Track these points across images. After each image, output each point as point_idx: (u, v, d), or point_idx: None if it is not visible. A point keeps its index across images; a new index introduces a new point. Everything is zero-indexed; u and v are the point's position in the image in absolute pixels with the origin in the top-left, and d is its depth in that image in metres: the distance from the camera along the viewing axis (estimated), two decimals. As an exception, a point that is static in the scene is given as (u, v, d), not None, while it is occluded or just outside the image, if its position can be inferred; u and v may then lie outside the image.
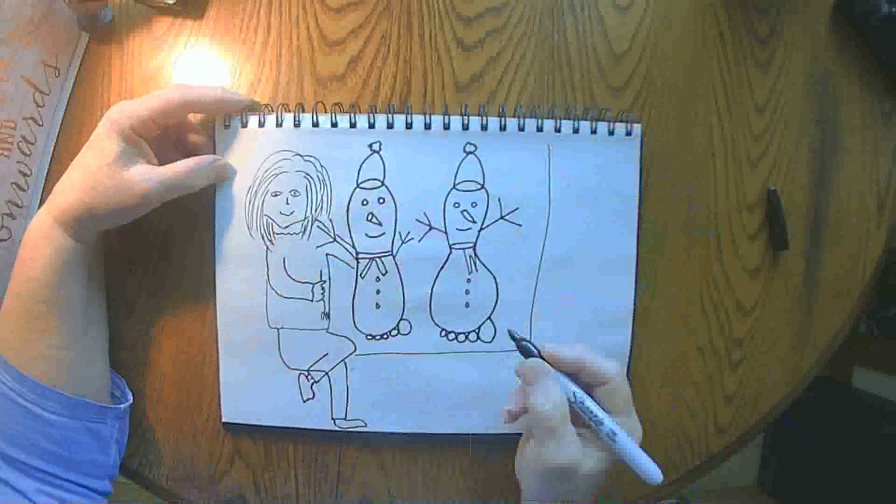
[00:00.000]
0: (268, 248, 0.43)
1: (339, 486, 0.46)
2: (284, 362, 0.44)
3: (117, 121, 0.38)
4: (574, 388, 0.36)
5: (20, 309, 0.38)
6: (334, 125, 0.43)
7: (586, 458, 0.34)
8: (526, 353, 0.37)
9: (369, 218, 0.43)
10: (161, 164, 0.40)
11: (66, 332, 0.38)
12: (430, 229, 0.44)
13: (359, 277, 0.44)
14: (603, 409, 0.36)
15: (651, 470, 0.34)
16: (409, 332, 0.44)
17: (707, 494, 1.53)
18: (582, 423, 0.36)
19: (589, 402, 0.36)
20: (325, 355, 0.44)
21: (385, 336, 0.44)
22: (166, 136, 0.42)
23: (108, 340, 0.43)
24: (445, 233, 0.44)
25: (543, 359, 0.37)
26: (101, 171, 0.37)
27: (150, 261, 0.45)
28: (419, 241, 0.44)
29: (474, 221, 0.44)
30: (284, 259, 0.43)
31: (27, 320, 0.37)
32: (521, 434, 0.45)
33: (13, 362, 0.37)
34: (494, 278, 0.44)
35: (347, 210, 0.43)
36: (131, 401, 0.43)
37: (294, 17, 0.44)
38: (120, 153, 0.38)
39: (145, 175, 0.38)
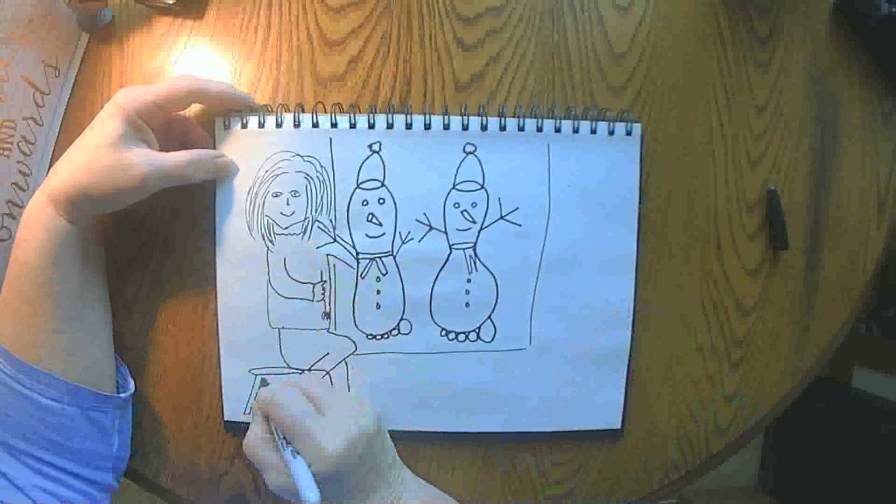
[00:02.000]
0: (268, 248, 0.43)
1: (339, 486, 0.46)
2: (285, 362, 0.44)
3: (122, 103, 0.38)
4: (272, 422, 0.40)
5: (15, 292, 0.37)
6: (334, 125, 0.43)
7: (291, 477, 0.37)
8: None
9: (369, 218, 0.43)
10: None
11: (61, 317, 0.38)
12: (430, 229, 0.44)
13: (359, 277, 0.44)
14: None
15: (307, 493, 0.35)
16: (410, 332, 0.44)
17: (707, 494, 1.53)
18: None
19: (278, 435, 0.39)
20: (325, 355, 0.44)
21: (385, 336, 0.44)
22: (171, 134, 0.42)
23: (110, 329, 0.42)
24: (445, 233, 0.44)
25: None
26: (100, 149, 0.37)
27: (151, 261, 0.45)
28: (419, 241, 0.44)
29: (474, 221, 0.44)
30: (285, 259, 0.43)
31: (22, 303, 0.37)
32: (522, 435, 0.46)
33: (10, 348, 0.37)
34: (494, 278, 0.44)
35: (348, 210, 0.43)
36: (133, 390, 0.43)
37: (294, 17, 0.44)
38: (121, 134, 0.37)
39: (144, 158, 0.38)
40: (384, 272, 0.44)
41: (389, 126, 0.43)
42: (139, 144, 0.39)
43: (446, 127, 0.44)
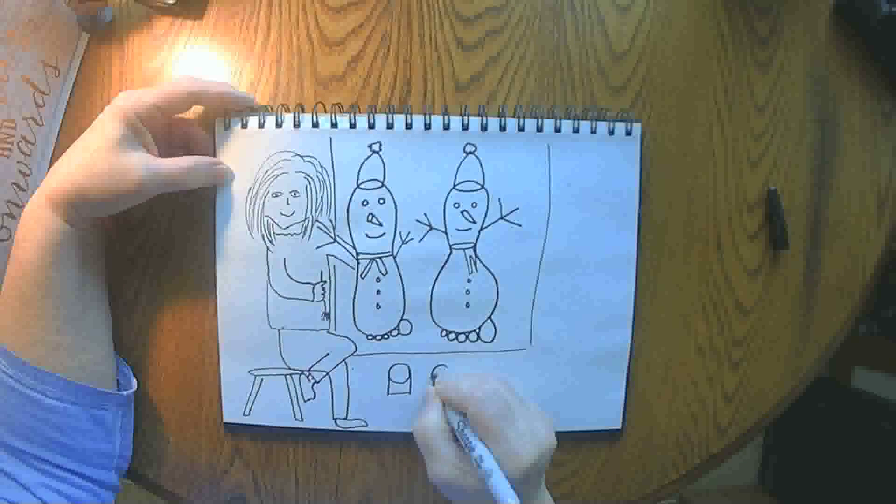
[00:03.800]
0: (268, 248, 0.43)
1: (339, 486, 0.46)
2: (285, 362, 0.44)
3: (122, 106, 0.38)
4: (458, 417, 0.39)
5: (15, 293, 0.37)
6: (334, 125, 0.43)
7: (464, 475, 0.37)
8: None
9: (369, 218, 0.43)
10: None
11: (61, 317, 0.38)
12: (430, 229, 0.44)
13: (359, 278, 0.44)
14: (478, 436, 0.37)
15: (506, 497, 0.34)
16: (410, 333, 0.44)
17: (707, 494, 1.53)
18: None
19: (467, 431, 0.38)
20: (325, 355, 0.44)
21: (385, 336, 0.44)
22: (173, 136, 0.42)
23: (110, 329, 0.43)
24: (446, 233, 0.44)
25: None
26: (99, 152, 0.37)
27: (151, 260, 0.45)
28: (419, 241, 0.44)
29: (474, 221, 0.44)
30: (285, 259, 0.43)
31: (22, 304, 0.37)
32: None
33: (11, 348, 0.37)
34: (495, 278, 0.44)
35: (348, 210, 0.43)
36: (135, 388, 0.43)
37: (294, 17, 0.44)
38: (121, 137, 0.37)
39: (143, 163, 0.38)
40: (384, 272, 0.44)
41: (389, 126, 0.43)
42: (138, 148, 0.39)
43: (446, 127, 0.44)
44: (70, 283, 0.38)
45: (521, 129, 0.44)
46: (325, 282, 0.43)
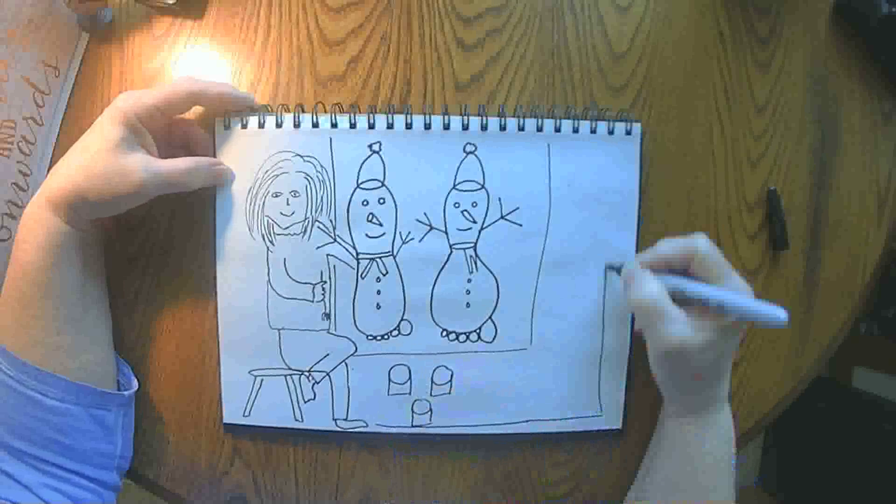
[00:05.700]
0: (268, 248, 0.43)
1: (339, 486, 0.46)
2: (285, 363, 0.44)
3: (122, 108, 0.38)
4: (671, 278, 0.39)
5: (16, 293, 0.37)
6: (334, 125, 0.43)
7: (697, 331, 0.37)
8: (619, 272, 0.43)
9: (370, 218, 0.43)
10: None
11: (61, 317, 0.38)
12: (430, 229, 0.44)
13: (359, 278, 0.44)
14: (704, 284, 0.37)
15: (772, 314, 0.34)
16: (410, 333, 0.44)
17: (707, 494, 1.53)
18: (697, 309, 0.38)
19: (689, 285, 0.37)
20: (326, 356, 0.44)
21: (386, 336, 0.44)
22: (173, 136, 0.42)
23: (110, 329, 0.43)
24: (446, 233, 0.44)
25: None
26: (99, 154, 0.37)
27: (151, 261, 0.45)
28: (420, 241, 0.44)
29: (475, 221, 0.44)
30: (285, 260, 0.43)
31: (22, 304, 0.37)
32: (522, 436, 0.45)
33: (11, 348, 0.37)
34: (495, 278, 0.44)
35: (348, 210, 0.43)
36: (136, 388, 0.43)
37: (294, 17, 0.44)
38: (121, 139, 0.37)
39: (143, 165, 0.38)
40: (384, 272, 0.44)
41: (389, 126, 0.43)
42: (139, 150, 0.39)
43: (446, 127, 0.44)
44: (70, 283, 0.38)
45: (521, 128, 0.44)
46: (326, 282, 0.43)
